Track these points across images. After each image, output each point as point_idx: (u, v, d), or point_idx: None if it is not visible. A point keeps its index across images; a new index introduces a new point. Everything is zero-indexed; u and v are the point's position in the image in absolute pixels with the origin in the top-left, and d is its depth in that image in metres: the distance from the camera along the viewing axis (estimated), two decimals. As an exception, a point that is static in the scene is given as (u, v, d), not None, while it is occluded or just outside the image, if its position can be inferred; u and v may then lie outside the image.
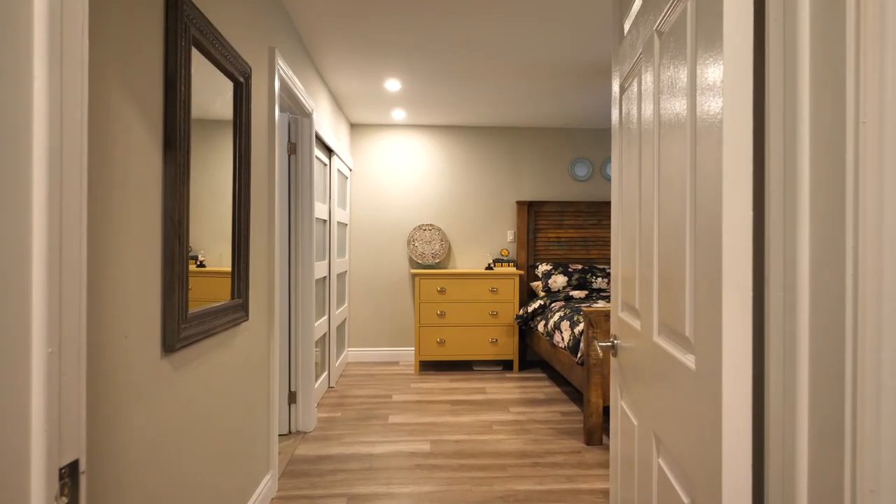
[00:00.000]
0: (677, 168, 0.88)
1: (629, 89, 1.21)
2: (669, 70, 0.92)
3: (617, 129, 1.34)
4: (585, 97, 4.08)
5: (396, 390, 4.05)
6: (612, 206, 1.39)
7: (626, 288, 1.22)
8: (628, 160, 1.21)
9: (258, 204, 2.14)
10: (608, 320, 3.01)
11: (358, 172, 5.03)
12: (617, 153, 1.34)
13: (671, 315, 0.89)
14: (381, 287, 5.05)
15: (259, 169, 2.16)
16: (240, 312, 1.85)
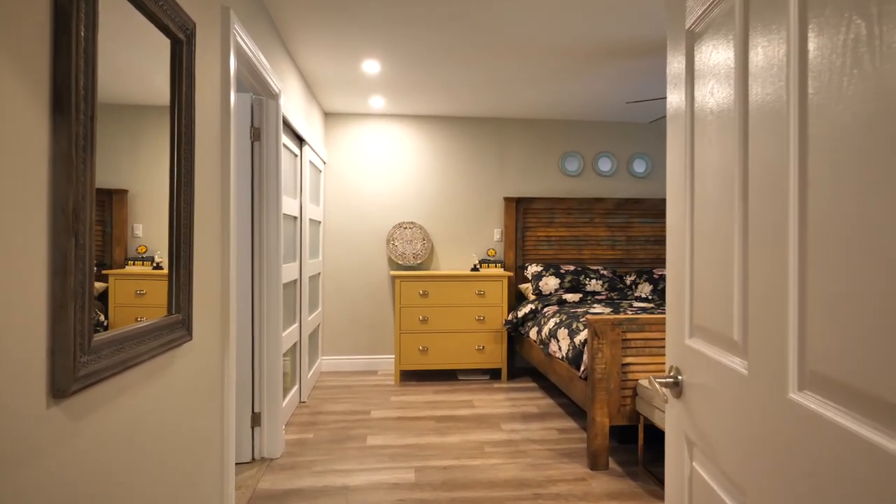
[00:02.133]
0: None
1: (716, 53, 0.87)
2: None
3: (683, 108, 0.99)
4: (579, 84, 3.77)
5: (375, 405, 3.67)
6: (673, 201, 1.05)
7: (706, 307, 0.88)
8: (714, 146, 0.87)
9: (207, 197, 1.74)
10: (615, 330, 2.69)
11: (333, 165, 4.63)
12: (681, 139, 0.99)
13: (846, 362, 0.55)
14: (359, 290, 4.66)
15: (208, 154, 1.76)
16: (179, 331, 1.46)
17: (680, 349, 1.00)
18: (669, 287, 1.05)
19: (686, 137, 0.97)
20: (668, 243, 1.06)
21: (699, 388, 0.92)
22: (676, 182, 1.03)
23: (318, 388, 4.06)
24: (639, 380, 2.71)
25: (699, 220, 0.93)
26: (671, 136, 1.05)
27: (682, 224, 0.99)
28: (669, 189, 1.06)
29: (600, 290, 4.29)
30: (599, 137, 4.91)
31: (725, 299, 0.82)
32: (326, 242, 4.63)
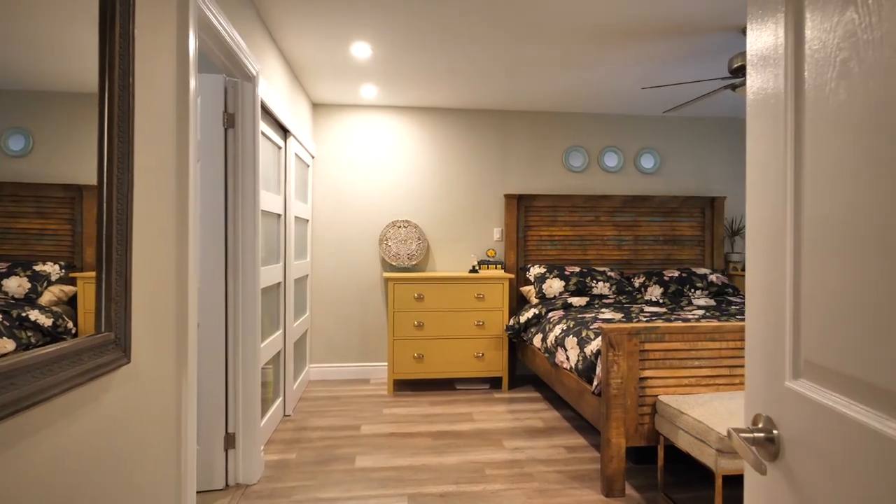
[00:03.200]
0: None
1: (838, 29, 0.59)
2: None
3: (781, 91, 0.72)
4: (589, 71, 3.48)
5: (366, 418, 3.38)
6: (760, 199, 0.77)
7: (829, 339, 0.59)
8: (849, 137, 0.59)
9: (155, 190, 1.45)
10: (632, 340, 2.41)
11: (322, 160, 4.33)
12: (777, 128, 0.72)
13: None
14: (349, 293, 4.36)
15: (158, 141, 1.47)
16: (111, 353, 1.17)
17: (775, 393, 0.72)
18: (754, 308, 0.77)
19: (787, 127, 0.71)
20: (752, 251, 0.78)
21: (814, 452, 0.63)
22: (768, 177, 0.75)
23: (305, 400, 3.77)
24: (659, 395, 2.42)
25: (816, 224, 0.64)
26: (758, 124, 0.78)
27: (780, 228, 0.71)
28: (755, 185, 0.78)
29: (608, 294, 4.01)
30: (605, 131, 4.63)
31: (873, 331, 0.53)
32: (315, 242, 4.33)
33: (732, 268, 4.66)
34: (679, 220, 4.60)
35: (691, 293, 4.11)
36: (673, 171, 4.71)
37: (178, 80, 1.60)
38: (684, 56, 3.17)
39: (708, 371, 2.48)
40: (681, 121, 4.71)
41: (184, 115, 1.63)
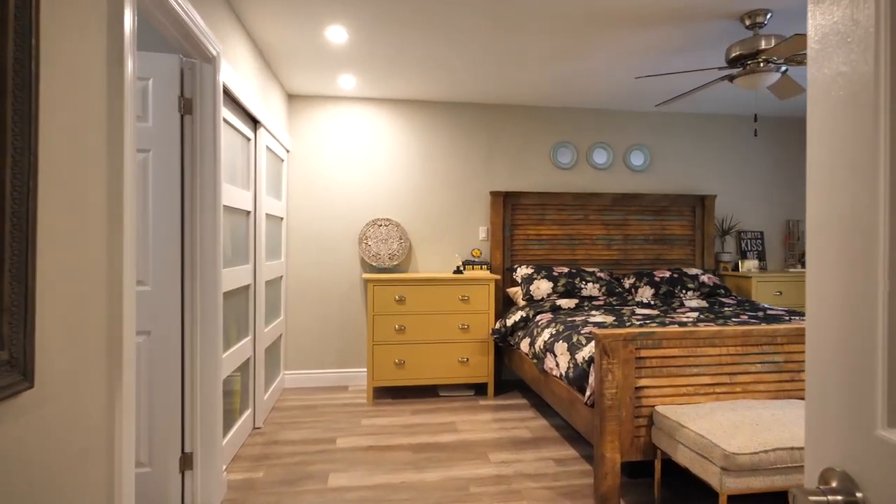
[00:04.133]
0: None
1: None
2: None
3: (870, 75, 0.52)
4: (579, 62, 3.30)
5: (343, 430, 3.16)
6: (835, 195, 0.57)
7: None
8: None
9: (75, 180, 1.22)
10: (627, 347, 2.23)
11: (297, 154, 4.10)
12: (866, 116, 0.52)
13: None
14: (327, 296, 4.13)
15: (78, 126, 1.25)
16: (6, 377, 0.94)
17: (858, 444, 0.53)
18: (823, 332, 0.58)
19: (880, 115, 0.52)
20: (820, 261, 0.59)
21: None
22: (848, 176, 0.56)
23: (278, 410, 3.53)
24: (656, 406, 2.25)
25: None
26: (831, 113, 0.58)
27: (870, 236, 0.52)
28: (823, 185, 0.59)
29: (597, 295, 3.84)
30: (594, 127, 4.47)
31: None
32: (290, 242, 4.09)
33: (723, 268, 4.53)
34: (669, 219, 4.46)
35: (683, 294, 3.96)
36: (663, 169, 4.57)
37: (110, 60, 1.37)
38: (679, 46, 3.00)
39: (707, 379, 2.32)
40: (671, 117, 4.57)
41: (117, 98, 1.40)
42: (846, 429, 0.55)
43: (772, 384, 2.37)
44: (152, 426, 2.12)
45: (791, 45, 2.27)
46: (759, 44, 2.52)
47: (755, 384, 2.35)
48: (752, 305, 3.67)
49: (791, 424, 1.95)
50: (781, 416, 2.02)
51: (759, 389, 2.35)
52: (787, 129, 4.77)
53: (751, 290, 4.21)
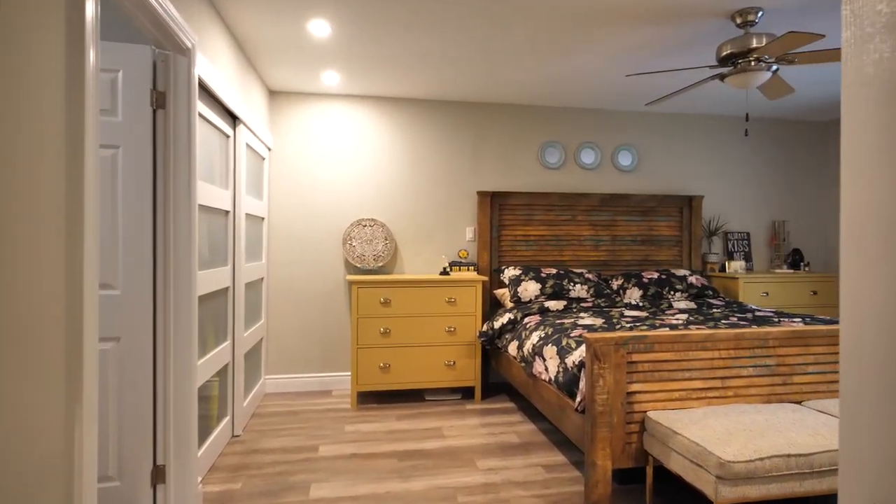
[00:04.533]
0: None
1: None
2: None
3: None
4: (568, 60, 3.25)
5: (325, 437, 3.06)
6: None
7: None
8: None
9: (26, 178, 1.12)
10: (619, 351, 2.17)
11: (280, 153, 3.99)
12: None
13: None
14: (310, 298, 4.03)
15: (26, 110, 1.14)
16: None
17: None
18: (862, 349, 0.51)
19: None
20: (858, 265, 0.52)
21: None
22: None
23: (259, 416, 3.42)
24: (647, 412, 2.19)
25: None
26: (878, 104, 0.51)
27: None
28: (863, 182, 0.52)
29: (586, 297, 3.79)
30: (582, 126, 4.42)
31: None
32: (271, 243, 3.98)
33: (710, 269, 4.52)
34: (657, 220, 4.43)
35: (671, 295, 3.93)
36: (651, 169, 4.54)
37: (69, 50, 1.26)
38: (670, 45, 2.96)
39: (699, 383, 2.27)
40: (658, 117, 4.55)
41: (76, 90, 1.30)
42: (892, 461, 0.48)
43: (764, 388, 2.33)
44: (122, 438, 2.01)
45: (784, 43, 2.23)
46: (750, 42, 2.48)
47: (747, 388, 2.31)
48: (740, 307, 3.65)
49: (786, 430, 1.90)
50: (775, 422, 1.98)
51: (752, 393, 2.31)
52: (774, 130, 4.77)
53: (738, 291, 4.20)
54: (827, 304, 4.33)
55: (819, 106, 4.34)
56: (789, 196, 4.81)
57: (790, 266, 4.59)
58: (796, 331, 2.35)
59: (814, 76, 3.58)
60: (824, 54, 2.41)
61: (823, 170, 4.87)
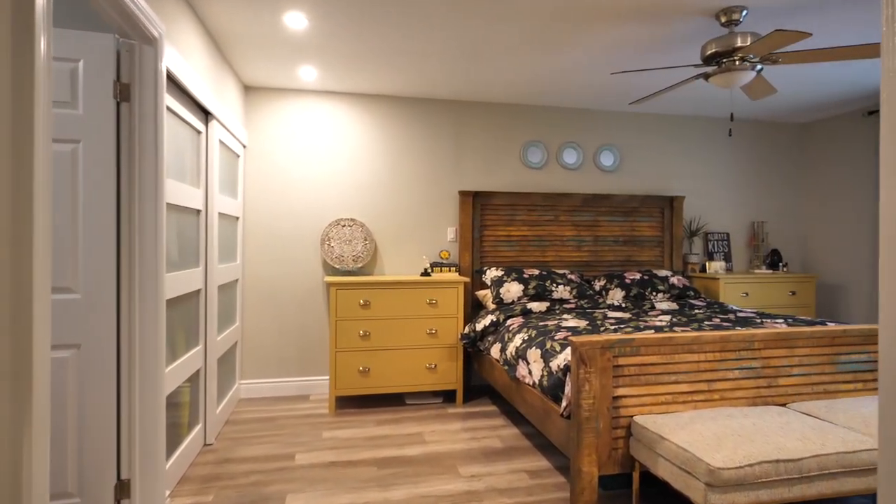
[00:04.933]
0: None
1: None
2: None
3: None
4: (553, 57, 3.20)
5: (303, 444, 2.96)
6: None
7: None
8: None
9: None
10: (605, 354, 2.12)
11: (255, 150, 3.86)
12: None
13: None
14: (287, 300, 3.91)
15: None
16: None
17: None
18: None
19: None
20: None
21: None
22: None
23: (233, 423, 3.29)
24: (634, 416, 2.15)
25: None
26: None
27: None
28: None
29: (568, 298, 3.75)
30: (564, 126, 4.39)
31: None
32: (247, 243, 3.85)
33: (690, 269, 4.53)
34: (639, 220, 4.42)
35: (653, 296, 3.91)
36: (632, 170, 4.53)
37: (16, 37, 1.15)
38: (654, 44, 2.93)
39: (686, 387, 2.23)
40: (641, 117, 4.54)
41: (25, 81, 1.18)
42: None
43: (750, 390, 2.30)
44: (83, 451, 1.88)
45: (770, 42, 2.21)
46: (735, 41, 2.46)
47: (733, 391, 2.29)
48: (722, 307, 3.65)
49: (773, 434, 1.88)
50: (763, 426, 1.95)
51: (738, 396, 2.29)
52: (753, 131, 4.81)
53: (718, 291, 4.21)
54: (805, 304, 4.38)
55: (797, 108, 4.38)
56: (768, 197, 4.85)
57: (769, 266, 4.63)
58: (781, 332, 2.33)
59: (793, 78, 3.60)
60: (809, 54, 2.40)
61: (801, 171, 4.93)
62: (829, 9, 2.51)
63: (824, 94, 3.99)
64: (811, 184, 4.85)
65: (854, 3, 2.46)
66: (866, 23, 2.67)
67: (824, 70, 3.43)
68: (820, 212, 4.75)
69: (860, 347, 2.44)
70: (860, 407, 2.20)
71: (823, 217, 4.72)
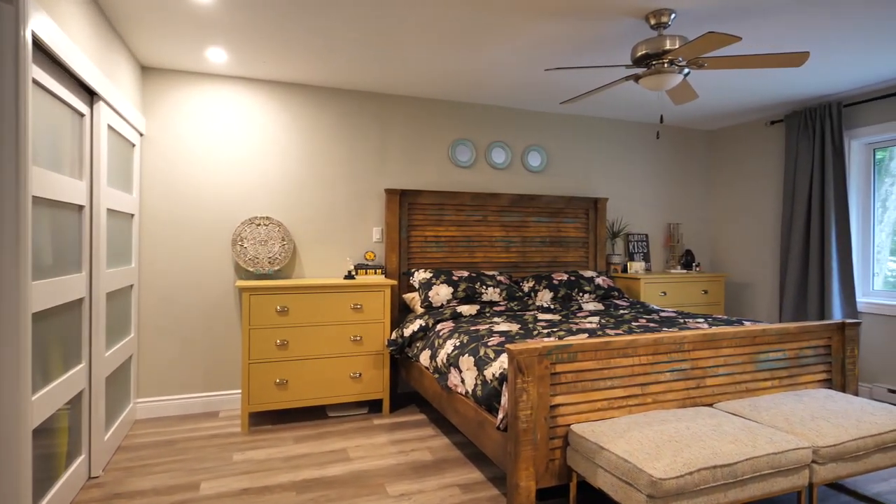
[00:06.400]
0: None
1: None
2: None
3: None
4: (482, 52, 3.09)
5: (210, 470, 2.63)
6: None
7: None
8: None
9: None
10: (542, 362, 2.02)
11: (155, 139, 3.43)
12: None
13: None
14: (192, 307, 3.51)
15: None
16: None
17: None
18: None
19: None
20: None
21: None
22: None
23: (126, 450, 2.89)
24: (571, 425, 2.07)
25: None
26: None
27: None
28: None
29: (498, 300, 3.67)
30: (493, 125, 4.32)
31: None
32: (144, 244, 3.41)
33: (613, 269, 4.63)
34: (565, 221, 4.44)
35: (580, 297, 3.93)
36: (559, 171, 4.55)
37: None
38: (585, 44, 2.90)
39: (621, 391, 2.19)
40: (567, 119, 4.57)
41: None
42: None
43: (680, 392, 2.31)
44: (-88, 507, 1.49)
45: (700, 44, 2.22)
46: (664, 44, 2.46)
47: (665, 393, 2.28)
48: (644, 307, 3.73)
49: (707, 438, 1.86)
50: (696, 429, 1.94)
51: (669, 399, 2.28)
52: (670, 137, 5.00)
53: (639, 291, 4.32)
54: (716, 302, 4.60)
55: (707, 115, 4.60)
56: (682, 200, 5.07)
57: (683, 266, 4.83)
58: (708, 333, 2.36)
59: (705, 86, 3.74)
60: (733, 60, 2.45)
61: (711, 176, 5.20)
62: (751, 18, 2.59)
63: (732, 103, 4.20)
64: (720, 188, 5.12)
65: (776, 13, 2.55)
66: (787, 32, 2.79)
67: (732, 80, 3.59)
68: (728, 214, 5.03)
69: (776, 346, 2.53)
70: (780, 405, 2.26)
71: (731, 219, 5.00)
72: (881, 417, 2.15)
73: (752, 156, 4.80)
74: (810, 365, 2.61)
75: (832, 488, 2.48)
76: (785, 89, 3.82)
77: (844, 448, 1.99)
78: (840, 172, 3.92)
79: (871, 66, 3.31)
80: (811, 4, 2.45)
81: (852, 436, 2.02)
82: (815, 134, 4.07)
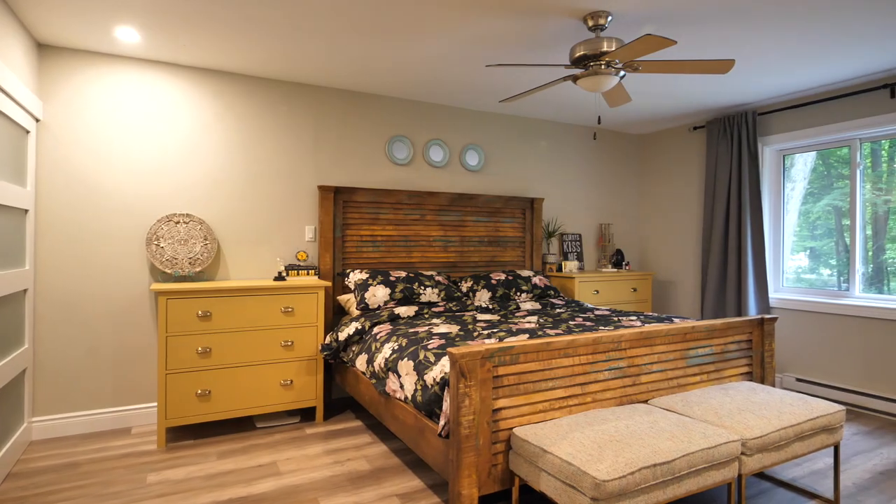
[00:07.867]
0: None
1: None
2: None
3: None
4: (422, 44, 3.00)
5: (119, 495, 2.37)
6: None
7: None
8: None
9: None
10: (485, 365, 1.96)
11: (55, 126, 3.07)
12: None
13: None
14: (100, 313, 3.17)
15: None
16: None
17: None
18: None
19: None
20: None
21: None
22: None
23: (18, 477, 2.54)
24: (514, 429, 2.03)
25: None
26: None
27: None
28: None
29: (437, 301, 3.59)
30: (430, 122, 4.24)
31: None
32: (40, 243, 3.04)
33: (548, 269, 4.69)
34: (502, 221, 4.45)
35: (518, 296, 3.94)
36: (496, 170, 4.55)
37: None
38: (524, 42, 2.88)
39: (562, 392, 2.18)
40: (504, 119, 4.57)
41: None
42: None
43: (617, 390, 2.33)
44: None
45: (637, 46, 2.24)
46: (602, 45, 2.48)
47: (603, 392, 2.29)
48: (579, 306, 3.79)
49: (646, 436, 1.87)
50: (635, 427, 1.95)
51: (607, 397, 2.30)
52: (602, 140, 5.14)
53: (574, 289, 4.40)
54: (644, 299, 4.78)
55: (638, 120, 4.76)
56: (613, 200, 5.23)
57: (614, 265, 4.98)
58: (643, 332, 2.40)
59: (640, 91, 3.86)
60: (666, 65, 2.51)
61: (640, 178, 5.40)
62: (681, 24, 2.67)
63: (660, 109, 4.38)
64: (649, 190, 5.33)
65: (703, 22, 2.64)
66: (714, 41, 2.91)
67: (661, 87, 3.73)
68: (655, 215, 5.24)
69: (705, 342, 2.62)
70: (709, 399, 2.34)
71: (658, 220, 5.22)
72: (799, 408, 2.27)
73: (677, 159, 5.03)
74: (734, 359, 2.73)
75: (755, 476, 2.60)
76: (707, 97, 4.01)
77: (769, 439, 2.08)
78: (755, 177, 4.18)
79: (790, 75, 3.52)
80: (737, 17, 2.56)
81: (775, 427, 2.12)
82: (733, 140, 4.31)
